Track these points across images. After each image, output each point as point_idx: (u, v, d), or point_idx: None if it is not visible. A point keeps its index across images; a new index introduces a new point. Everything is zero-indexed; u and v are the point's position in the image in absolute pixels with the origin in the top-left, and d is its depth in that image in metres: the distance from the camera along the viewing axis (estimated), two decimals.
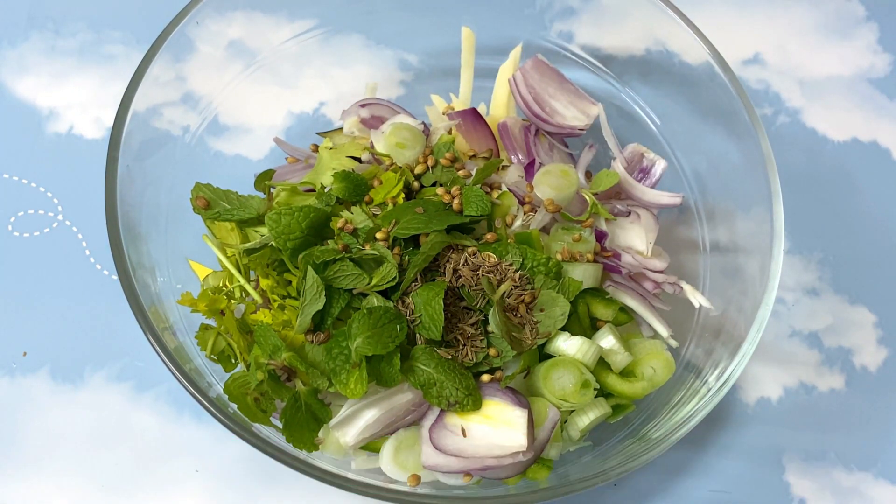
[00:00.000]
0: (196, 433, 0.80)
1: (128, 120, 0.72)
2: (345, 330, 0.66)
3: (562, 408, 0.71)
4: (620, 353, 0.73)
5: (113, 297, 0.83)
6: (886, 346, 0.88)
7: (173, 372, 0.66)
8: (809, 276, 0.90)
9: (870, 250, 0.91)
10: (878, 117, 0.97)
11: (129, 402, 0.81)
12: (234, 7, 0.82)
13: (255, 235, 0.75)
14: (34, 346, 0.82)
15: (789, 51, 1.00)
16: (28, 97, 0.92)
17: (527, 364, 0.71)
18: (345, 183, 0.72)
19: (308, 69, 0.90)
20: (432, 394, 0.67)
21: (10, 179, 0.88)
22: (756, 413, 0.84)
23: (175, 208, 0.77)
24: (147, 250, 0.74)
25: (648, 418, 0.74)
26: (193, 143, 0.82)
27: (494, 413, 0.68)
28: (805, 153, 0.95)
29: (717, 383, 0.70)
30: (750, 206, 0.76)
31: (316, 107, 0.92)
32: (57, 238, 0.86)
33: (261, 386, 0.68)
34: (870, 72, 0.99)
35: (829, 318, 0.88)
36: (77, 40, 0.94)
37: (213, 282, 0.75)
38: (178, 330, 0.73)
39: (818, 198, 0.93)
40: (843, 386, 0.86)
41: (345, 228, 0.71)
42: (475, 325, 0.70)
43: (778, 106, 0.97)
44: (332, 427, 0.69)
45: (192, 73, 0.80)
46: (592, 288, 0.76)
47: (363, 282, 0.68)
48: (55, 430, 0.79)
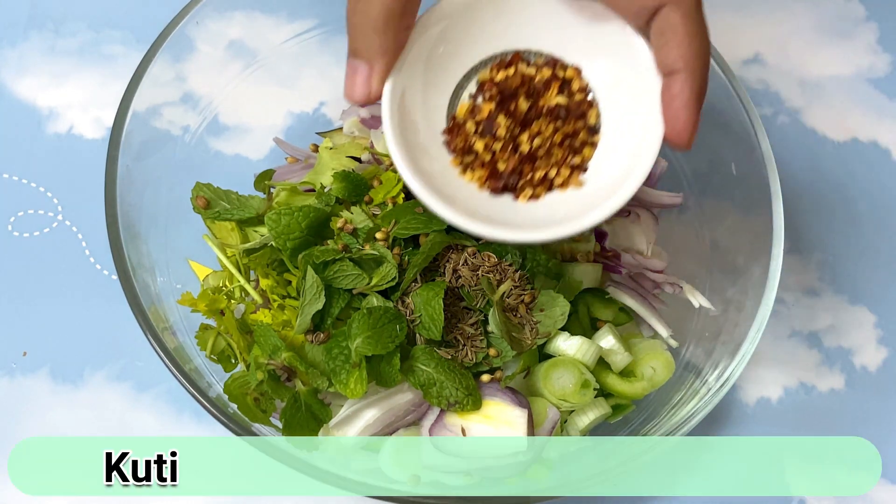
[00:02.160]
0: (196, 433, 0.80)
1: (128, 120, 0.72)
2: (345, 330, 0.66)
3: (562, 408, 0.71)
4: (620, 353, 0.73)
5: (113, 297, 0.83)
6: (886, 346, 0.88)
7: (173, 372, 0.66)
8: (809, 276, 0.90)
9: (870, 250, 0.91)
10: (878, 117, 0.97)
11: (128, 402, 0.81)
12: (234, 7, 0.82)
13: (255, 235, 0.75)
14: (34, 346, 0.82)
15: (789, 51, 1.00)
16: (28, 97, 0.92)
17: (527, 364, 0.71)
18: (345, 183, 0.72)
19: (308, 69, 0.90)
20: (432, 394, 0.67)
21: (10, 179, 0.88)
22: (756, 413, 0.84)
23: (175, 208, 0.77)
24: (147, 250, 0.74)
25: (648, 418, 0.74)
26: (193, 143, 0.82)
27: (494, 413, 0.68)
28: (805, 153, 0.95)
29: (717, 383, 0.70)
30: (750, 206, 0.76)
31: (316, 107, 0.92)
32: (57, 238, 0.86)
33: (261, 386, 0.68)
34: (870, 72, 0.99)
35: (829, 318, 0.88)
36: (77, 40, 0.94)
37: (213, 282, 0.75)
38: (178, 330, 0.73)
39: (818, 198, 0.93)
40: (843, 386, 0.86)
41: (344, 228, 0.71)
42: (475, 325, 0.70)
43: (778, 106, 0.97)
44: (332, 427, 0.69)
45: (192, 72, 0.80)
46: (592, 288, 0.76)
47: (363, 282, 0.68)
48: (55, 430, 0.79)
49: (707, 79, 0.58)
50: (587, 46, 0.63)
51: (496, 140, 0.63)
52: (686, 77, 0.57)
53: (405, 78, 0.60)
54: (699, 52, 0.56)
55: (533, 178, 0.63)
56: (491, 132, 0.63)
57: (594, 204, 0.60)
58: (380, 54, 0.57)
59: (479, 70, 0.65)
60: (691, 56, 0.56)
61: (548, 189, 0.63)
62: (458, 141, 0.63)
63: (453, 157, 0.63)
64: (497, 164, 0.62)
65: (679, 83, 0.57)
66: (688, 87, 0.57)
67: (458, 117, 0.64)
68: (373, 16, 0.55)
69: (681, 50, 0.56)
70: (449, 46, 0.63)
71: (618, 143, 0.63)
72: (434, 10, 0.61)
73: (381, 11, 0.55)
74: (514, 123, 0.63)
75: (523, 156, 0.63)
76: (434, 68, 0.63)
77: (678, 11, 0.55)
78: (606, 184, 0.62)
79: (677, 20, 0.56)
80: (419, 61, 0.61)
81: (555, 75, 0.64)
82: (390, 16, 0.55)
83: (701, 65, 0.57)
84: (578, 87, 0.64)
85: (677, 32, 0.56)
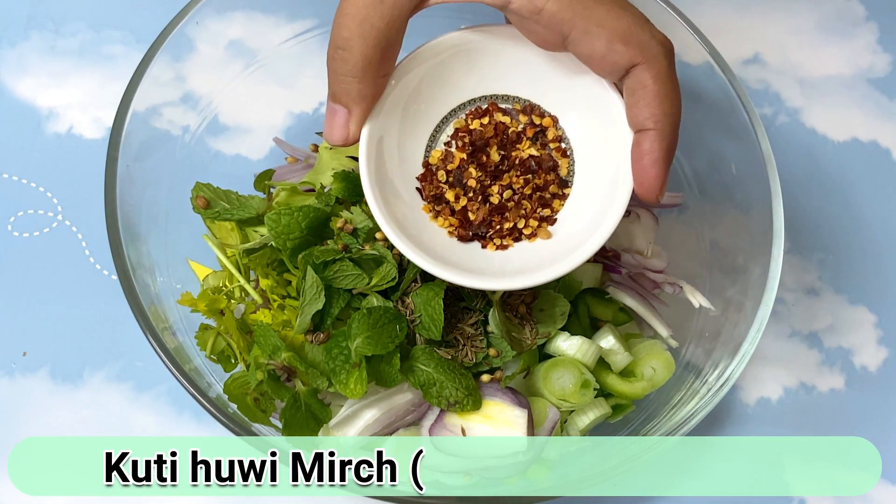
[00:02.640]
0: (196, 433, 0.80)
1: (127, 120, 0.72)
2: (344, 330, 0.66)
3: (562, 408, 0.71)
4: (620, 353, 0.73)
5: (113, 297, 0.83)
6: (886, 346, 0.88)
7: (173, 372, 0.66)
8: (809, 276, 0.90)
9: (870, 250, 0.91)
10: (878, 117, 0.97)
11: (128, 402, 0.81)
12: (234, 7, 0.82)
13: (255, 235, 0.75)
14: (34, 346, 0.82)
15: (789, 51, 1.00)
16: (28, 97, 0.92)
17: (527, 364, 0.71)
18: (345, 183, 0.72)
19: (308, 69, 0.90)
20: (432, 394, 0.67)
21: (10, 179, 0.88)
22: (756, 413, 0.84)
23: (175, 208, 0.77)
24: (147, 250, 0.74)
25: (648, 418, 0.74)
26: (193, 143, 0.82)
27: (494, 413, 0.68)
28: (805, 153, 0.95)
29: (717, 383, 0.70)
30: (750, 206, 0.76)
31: (316, 107, 0.92)
32: (57, 238, 0.86)
33: (261, 386, 0.68)
34: (870, 72, 0.99)
35: (829, 318, 0.88)
36: (77, 40, 0.94)
37: (213, 282, 0.75)
38: (178, 330, 0.73)
39: (818, 197, 0.93)
40: (843, 386, 0.86)
41: (344, 228, 0.71)
42: (475, 325, 0.70)
43: (778, 106, 0.97)
44: (332, 427, 0.69)
45: (192, 73, 0.80)
46: (592, 288, 0.76)
47: (363, 282, 0.68)
48: (55, 430, 0.79)
49: (676, 137, 0.59)
50: (562, 98, 0.65)
51: (466, 191, 0.64)
52: (655, 136, 0.58)
53: (382, 123, 0.63)
54: (669, 112, 0.58)
55: (502, 230, 0.65)
56: (461, 183, 0.64)
57: (561, 255, 0.62)
58: (358, 100, 0.59)
59: (456, 114, 0.66)
60: (661, 115, 0.58)
61: (516, 240, 0.65)
62: (429, 188, 0.65)
63: (425, 203, 0.65)
64: (468, 214, 0.64)
65: (649, 141, 0.58)
66: (657, 146, 0.58)
67: (431, 164, 0.65)
68: (351, 63, 0.57)
69: (651, 109, 0.57)
70: (425, 93, 0.65)
71: (587, 194, 0.65)
72: (412, 58, 0.63)
73: (360, 59, 0.57)
74: (485, 175, 0.64)
75: (493, 206, 0.64)
76: (411, 114, 0.65)
77: (649, 72, 0.57)
78: (575, 233, 0.64)
79: (648, 80, 0.57)
80: (397, 107, 0.63)
81: (531, 122, 0.65)
82: (368, 64, 0.57)
83: (670, 124, 0.58)
84: (553, 137, 0.65)
85: (647, 92, 0.57)
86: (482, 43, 0.64)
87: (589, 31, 0.56)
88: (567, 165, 0.65)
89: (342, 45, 0.57)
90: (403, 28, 0.58)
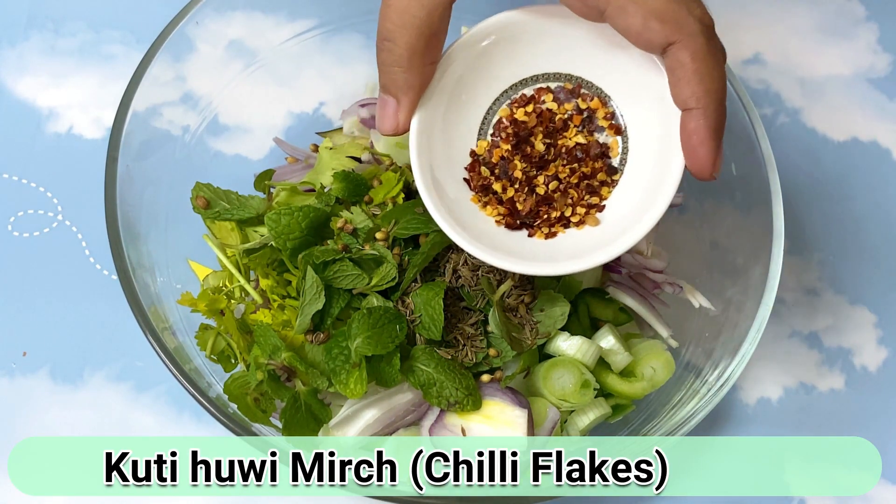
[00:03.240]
0: (196, 433, 0.80)
1: (127, 120, 0.72)
2: (345, 330, 0.66)
3: (562, 408, 0.71)
4: (620, 353, 0.73)
5: (113, 297, 0.83)
6: (886, 346, 0.88)
7: (173, 372, 0.66)
8: (809, 276, 0.90)
9: (870, 250, 0.91)
10: (878, 117, 0.97)
11: (128, 402, 0.81)
12: (233, 7, 0.82)
13: (255, 235, 0.75)
14: (34, 346, 0.82)
15: (789, 51, 1.00)
16: (28, 97, 0.92)
17: (527, 364, 0.71)
18: (345, 183, 0.72)
19: (308, 69, 0.90)
20: (432, 394, 0.67)
21: (10, 179, 0.88)
22: (756, 413, 0.84)
23: (175, 208, 0.77)
24: (147, 250, 0.74)
25: (648, 418, 0.74)
26: (193, 143, 0.82)
27: (494, 413, 0.68)
28: (805, 153, 0.95)
29: (717, 383, 0.70)
30: (750, 206, 0.76)
31: (316, 107, 0.92)
32: (57, 238, 0.86)
33: (261, 386, 0.68)
34: (870, 72, 0.99)
35: (829, 318, 0.88)
36: (77, 40, 0.94)
37: (213, 282, 0.75)
38: (177, 330, 0.73)
39: (818, 197, 0.93)
40: (843, 386, 0.86)
41: (344, 228, 0.71)
42: (475, 325, 0.70)
43: (778, 106, 0.97)
44: (332, 427, 0.69)
45: (192, 73, 0.80)
46: (592, 288, 0.76)
47: (363, 282, 0.68)
48: (55, 430, 0.79)
49: (724, 113, 0.57)
50: (611, 75, 0.64)
51: (512, 182, 0.63)
52: (700, 115, 0.56)
53: (430, 113, 0.62)
54: (711, 89, 0.56)
55: (549, 218, 0.64)
56: (507, 175, 0.64)
57: (610, 239, 0.61)
58: (405, 89, 0.60)
59: (502, 101, 0.66)
60: (703, 94, 0.56)
61: (564, 227, 0.64)
62: (477, 179, 0.65)
63: (473, 194, 0.65)
64: (516, 204, 0.64)
65: (694, 121, 0.57)
66: (703, 125, 0.57)
67: (478, 155, 0.65)
68: (397, 53, 0.58)
69: (692, 88, 0.56)
70: (470, 82, 0.64)
71: (637, 176, 0.63)
72: (456, 47, 0.63)
73: (405, 49, 0.58)
74: (531, 166, 0.64)
75: (539, 197, 0.64)
76: (456, 104, 0.64)
77: (687, 50, 0.55)
78: (623, 217, 0.62)
79: (686, 59, 0.55)
80: (443, 97, 0.63)
81: (577, 108, 0.64)
82: (413, 53, 0.58)
83: (715, 100, 0.56)
84: (604, 115, 0.64)
85: (687, 71, 0.56)
86: (527, 24, 0.63)
87: (625, 7, 0.55)
88: (622, 144, 0.64)
89: (387, 36, 0.57)
90: (447, 15, 0.58)
